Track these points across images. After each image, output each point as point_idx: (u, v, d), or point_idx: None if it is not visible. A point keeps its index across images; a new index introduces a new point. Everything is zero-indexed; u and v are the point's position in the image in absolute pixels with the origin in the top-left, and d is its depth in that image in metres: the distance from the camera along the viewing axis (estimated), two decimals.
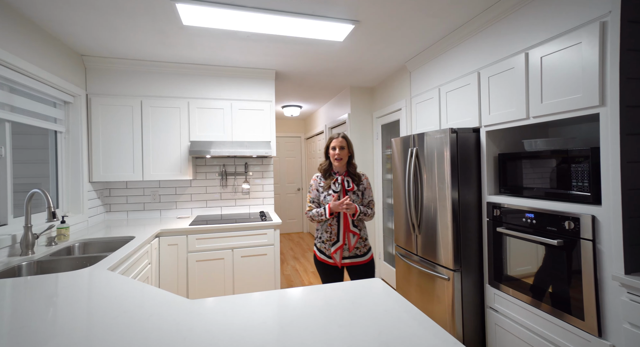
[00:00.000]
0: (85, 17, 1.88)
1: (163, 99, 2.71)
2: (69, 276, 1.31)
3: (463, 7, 1.84)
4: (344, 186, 1.84)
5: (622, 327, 1.24)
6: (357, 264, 1.85)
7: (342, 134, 1.89)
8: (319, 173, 1.92)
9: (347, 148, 1.86)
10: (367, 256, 1.87)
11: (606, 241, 1.32)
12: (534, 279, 1.64)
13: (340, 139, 1.86)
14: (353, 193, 1.84)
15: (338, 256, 1.81)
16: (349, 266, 1.85)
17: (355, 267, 1.85)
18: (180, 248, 2.39)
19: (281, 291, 1.11)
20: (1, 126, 1.74)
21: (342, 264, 1.83)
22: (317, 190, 1.88)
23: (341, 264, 1.83)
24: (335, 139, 1.86)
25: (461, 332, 2.00)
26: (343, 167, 1.89)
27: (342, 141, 1.85)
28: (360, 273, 1.85)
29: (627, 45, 1.24)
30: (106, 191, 2.79)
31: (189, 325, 0.87)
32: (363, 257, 1.85)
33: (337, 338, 0.80)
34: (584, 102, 1.38)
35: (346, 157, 1.87)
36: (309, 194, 1.92)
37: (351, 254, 1.83)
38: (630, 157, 1.25)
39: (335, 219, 1.82)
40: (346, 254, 1.83)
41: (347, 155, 1.87)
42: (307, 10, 1.84)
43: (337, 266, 1.84)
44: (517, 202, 1.74)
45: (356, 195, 1.85)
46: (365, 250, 1.87)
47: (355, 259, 1.84)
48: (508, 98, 1.79)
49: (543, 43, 1.58)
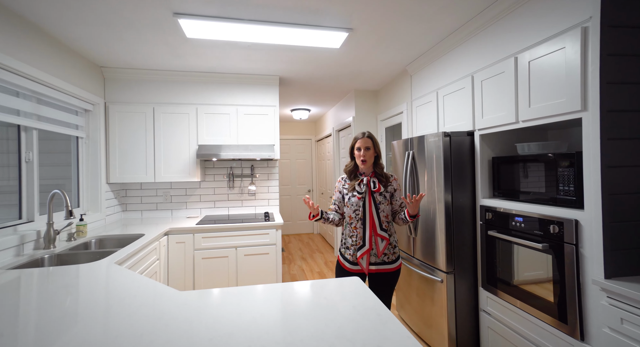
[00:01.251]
0: (101, 33, 2.06)
1: (173, 105, 2.89)
2: (82, 267, 1.46)
3: (451, 13, 1.87)
4: (369, 187, 1.70)
5: (602, 332, 1.24)
6: (383, 271, 1.69)
7: (367, 133, 1.74)
8: (344, 174, 1.81)
9: (372, 148, 1.71)
10: (396, 263, 1.71)
11: (588, 246, 1.31)
12: (523, 283, 1.64)
13: (365, 139, 1.71)
14: (380, 195, 1.70)
15: (365, 262, 1.66)
16: (374, 273, 1.69)
17: (381, 274, 1.70)
18: (187, 246, 2.55)
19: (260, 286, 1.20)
20: (29, 134, 1.95)
21: (369, 270, 1.67)
22: (340, 192, 1.79)
23: (368, 270, 1.68)
24: (360, 139, 1.72)
25: (454, 335, 2.01)
26: (370, 168, 1.75)
27: (367, 141, 1.70)
28: (383, 282, 1.70)
29: (608, 50, 1.24)
30: (123, 191, 3.01)
31: (174, 313, 0.98)
32: (391, 265, 1.69)
33: (300, 329, 0.88)
34: (567, 106, 1.39)
35: (372, 158, 1.72)
36: (333, 197, 1.84)
37: (379, 260, 1.68)
38: (611, 162, 1.25)
39: (360, 222, 1.69)
40: (373, 259, 1.67)
41: (372, 156, 1.72)
42: (301, 21, 1.93)
43: (364, 272, 1.68)
44: (507, 206, 1.75)
45: (383, 196, 1.71)
46: (394, 257, 1.71)
47: (383, 265, 1.68)
48: (499, 102, 1.80)
49: (531, 48, 1.59)
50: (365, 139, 1.71)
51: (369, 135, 1.72)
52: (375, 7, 1.78)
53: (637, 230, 1.26)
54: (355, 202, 1.70)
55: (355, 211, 1.70)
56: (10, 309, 1.05)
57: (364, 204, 1.69)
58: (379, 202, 1.69)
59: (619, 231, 1.25)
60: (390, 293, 1.73)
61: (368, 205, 1.69)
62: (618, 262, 1.24)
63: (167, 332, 0.87)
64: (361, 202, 1.69)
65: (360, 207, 1.70)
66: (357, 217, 1.70)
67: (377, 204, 1.69)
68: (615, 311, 1.19)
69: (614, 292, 1.19)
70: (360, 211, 1.70)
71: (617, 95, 1.25)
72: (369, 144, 1.71)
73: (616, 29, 1.24)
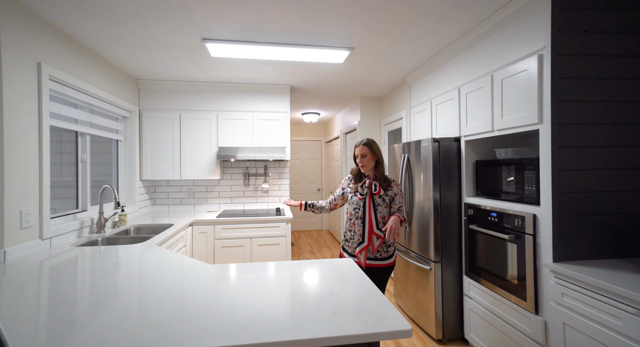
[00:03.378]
0: (140, 54, 2.44)
1: (197, 112, 3.27)
2: (130, 247, 1.84)
3: (440, 34, 2.14)
4: (371, 189, 1.85)
5: (550, 305, 1.50)
6: (376, 266, 1.85)
7: (364, 140, 1.88)
8: (351, 175, 1.98)
9: (370, 154, 1.86)
10: (388, 261, 1.86)
11: (542, 236, 1.58)
12: (496, 269, 1.91)
13: (362, 147, 1.86)
14: (379, 197, 1.84)
15: (362, 257, 1.82)
16: (368, 267, 1.84)
17: (373, 269, 1.85)
18: (208, 236, 2.92)
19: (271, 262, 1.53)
20: (84, 138, 2.35)
21: (365, 264, 1.84)
22: (343, 188, 1.98)
23: (365, 265, 1.84)
24: (357, 147, 1.88)
25: (441, 317, 2.29)
26: (371, 171, 1.90)
27: (364, 148, 1.86)
28: (375, 275, 1.84)
29: (558, 73, 1.51)
30: (152, 187, 3.41)
31: (207, 275, 1.32)
32: (383, 261, 1.85)
33: (302, 288, 1.20)
34: (528, 119, 1.65)
35: (370, 163, 1.87)
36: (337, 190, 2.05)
37: (372, 256, 1.84)
38: (560, 166, 1.51)
39: (360, 220, 1.84)
40: (370, 255, 1.84)
41: (370, 161, 1.86)
42: (308, 42, 2.26)
43: (362, 265, 1.84)
44: (485, 203, 2.02)
45: (382, 199, 1.84)
46: (387, 255, 1.86)
47: (376, 261, 1.84)
48: (480, 112, 2.07)
49: (503, 67, 1.85)
50: (361, 147, 1.86)
51: (365, 143, 1.87)
52: (371, 31, 2.08)
53: (580, 223, 1.52)
54: (356, 201, 1.87)
55: (355, 209, 1.87)
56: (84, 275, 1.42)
57: (364, 204, 1.84)
58: (378, 204, 1.83)
59: (566, 224, 1.51)
60: (381, 286, 1.87)
61: (367, 206, 1.83)
62: (564, 249, 1.51)
63: (200, 288, 1.21)
64: (361, 202, 1.85)
65: (360, 207, 1.85)
66: (357, 215, 1.86)
67: (375, 206, 1.83)
68: (558, 287, 1.45)
69: (558, 272, 1.45)
70: (360, 211, 1.85)
71: (566, 111, 1.51)
72: (365, 151, 1.86)
73: (564, 57, 1.50)
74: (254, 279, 1.29)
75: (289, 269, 1.43)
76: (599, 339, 1.26)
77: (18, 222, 1.60)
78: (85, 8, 1.74)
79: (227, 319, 0.95)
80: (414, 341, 2.32)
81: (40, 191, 1.75)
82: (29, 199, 1.67)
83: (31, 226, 1.68)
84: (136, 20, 1.89)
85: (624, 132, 1.54)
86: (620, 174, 1.53)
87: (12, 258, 1.55)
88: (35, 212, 1.71)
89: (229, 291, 1.17)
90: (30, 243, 1.68)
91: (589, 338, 1.30)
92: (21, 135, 1.63)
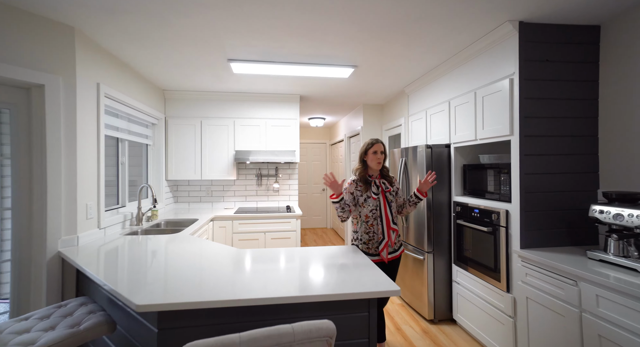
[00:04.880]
0: (170, 69, 2.81)
1: (216, 119, 3.64)
2: (176, 234, 2.20)
3: (432, 55, 2.48)
4: (382, 188, 1.94)
5: (518, 284, 1.84)
6: (394, 258, 1.95)
7: (379, 139, 1.99)
8: (355, 177, 1.98)
9: (384, 153, 1.98)
10: (399, 251, 1.99)
11: (513, 228, 1.91)
12: (478, 257, 2.25)
13: (380, 144, 1.95)
14: (390, 194, 1.95)
15: (385, 253, 1.87)
16: (390, 260, 1.92)
17: (393, 261, 1.96)
18: (227, 230, 3.28)
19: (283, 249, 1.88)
20: (123, 143, 2.72)
21: (388, 259, 1.90)
22: (352, 193, 1.93)
23: (387, 260, 1.89)
24: (376, 144, 1.94)
25: (433, 301, 2.63)
26: (377, 170, 2.00)
27: (381, 146, 1.95)
28: (393, 265, 1.96)
29: (525, 94, 1.84)
30: (175, 186, 3.78)
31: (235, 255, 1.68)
32: (397, 252, 1.97)
33: (303, 269, 1.55)
34: (503, 131, 1.99)
35: (384, 160, 2.00)
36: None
37: (391, 250, 1.93)
38: (527, 170, 1.85)
39: (378, 219, 1.89)
40: (389, 249, 1.92)
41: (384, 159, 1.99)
42: (317, 62, 2.61)
43: (384, 261, 1.89)
44: (470, 201, 2.35)
45: (392, 195, 1.97)
46: (399, 245, 2.00)
47: (393, 253, 1.94)
48: (466, 123, 2.40)
49: (484, 86, 2.19)
50: (380, 144, 1.95)
51: (381, 142, 1.98)
52: (372, 53, 2.43)
53: (542, 217, 1.85)
54: (372, 202, 1.89)
55: (372, 211, 1.89)
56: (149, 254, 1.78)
57: (379, 204, 1.90)
58: (390, 200, 1.94)
59: (530, 218, 1.85)
60: (396, 273, 2.03)
61: (383, 204, 1.90)
62: (529, 238, 1.84)
63: (230, 264, 1.56)
64: (377, 202, 1.90)
65: (377, 207, 1.90)
66: (374, 215, 1.89)
67: (389, 202, 1.93)
68: (524, 269, 1.79)
69: (524, 257, 1.79)
70: (377, 210, 1.90)
71: (531, 125, 1.85)
72: (382, 148, 1.96)
73: (530, 81, 1.84)
74: (271, 259, 1.64)
75: (300, 253, 1.78)
76: (549, 306, 1.59)
77: (85, 214, 1.97)
78: (137, 39, 2.11)
79: (252, 283, 1.30)
80: (410, 321, 2.66)
81: (98, 188, 2.11)
82: (91, 195, 2.04)
83: (93, 217, 2.05)
84: (174, 46, 2.26)
85: (576, 142, 1.88)
86: (574, 177, 1.87)
87: (82, 242, 1.92)
88: (95, 206, 2.08)
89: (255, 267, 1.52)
90: (92, 231, 2.04)
91: (542, 307, 1.64)
92: (86, 144, 2.00)
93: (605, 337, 1.34)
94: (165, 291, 1.23)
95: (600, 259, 1.56)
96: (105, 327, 1.27)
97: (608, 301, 1.34)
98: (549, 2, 1.65)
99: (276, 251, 1.80)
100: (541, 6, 1.70)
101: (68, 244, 1.84)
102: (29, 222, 1.74)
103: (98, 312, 1.34)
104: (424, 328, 2.53)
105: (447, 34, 2.07)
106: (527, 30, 1.84)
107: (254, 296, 1.17)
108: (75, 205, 1.88)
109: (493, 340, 2.07)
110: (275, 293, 1.19)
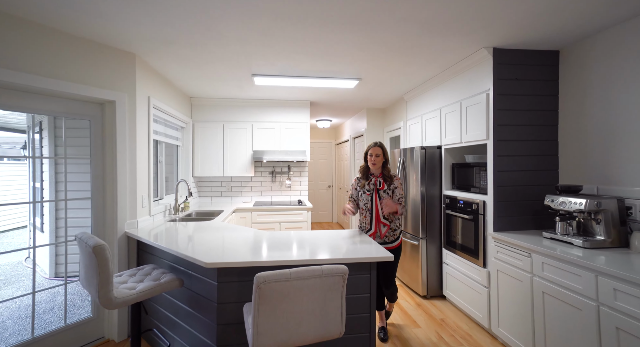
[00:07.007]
0: (200, 81, 3.27)
1: (236, 122, 4.10)
2: (207, 222, 2.67)
3: (425, 70, 2.91)
4: (376, 185, 2.21)
5: (491, 260, 2.27)
6: (388, 249, 2.16)
7: (378, 143, 2.21)
8: (359, 174, 2.33)
9: (381, 155, 2.19)
10: (395, 243, 2.23)
11: (488, 215, 2.35)
12: (462, 241, 2.68)
13: (375, 148, 2.21)
14: (384, 191, 2.19)
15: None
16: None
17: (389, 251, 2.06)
18: (247, 220, 3.74)
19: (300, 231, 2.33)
20: (161, 145, 3.19)
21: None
22: (356, 189, 2.32)
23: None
24: (372, 148, 2.21)
25: (426, 280, 3.07)
26: (378, 170, 2.23)
27: (377, 149, 2.21)
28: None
29: (498, 106, 2.27)
30: (199, 183, 4.26)
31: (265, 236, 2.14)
32: (390, 244, 2.22)
33: (322, 243, 2.00)
34: (481, 136, 2.41)
35: (380, 162, 2.20)
36: (349, 192, 2.40)
37: (381, 241, 2.21)
38: (499, 168, 2.28)
39: (369, 212, 2.22)
40: (378, 240, 2.20)
41: (381, 161, 2.20)
42: (327, 76, 3.05)
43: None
44: (456, 194, 2.78)
45: (386, 193, 2.20)
46: (394, 238, 2.22)
47: (384, 245, 2.20)
48: (454, 128, 2.83)
49: (468, 98, 2.61)
50: (375, 148, 2.22)
51: (379, 145, 2.22)
52: (375, 69, 2.86)
53: (511, 206, 2.29)
54: (366, 197, 2.25)
55: (365, 204, 2.27)
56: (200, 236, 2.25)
57: (371, 198, 2.23)
58: (382, 197, 2.21)
59: (502, 207, 2.28)
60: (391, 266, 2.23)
61: (374, 199, 2.22)
62: (500, 223, 2.28)
63: (265, 240, 2.02)
64: (369, 197, 2.22)
65: (369, 201, 2.24)
66: (367, 208, 2.25)
67: (381, 199, 2.21)
68: (496, 248, 2.23)
69: (496, 238, 2.23)
70: (369, 204, 2.24)
71: (503, 131, 2.28)
72: (378, 151, 2.21)
73: (502, 96, 2.27)
74: (295, 237, 2.10)
75: (317, 234, 2.23)
76: (513, 275, 2.03)
77: (140, 203, 2.44)
78: (181, 59, 2.57)
79: (284, 252, 1.76)
80: (406, 297, 3.10)
81: (149, 183, 2.59)
82: (144, 189, 2.51)
83: (145, 206, 2.52)
84: (209, 65, 2.72)
85: (540, 146, 2.30)
86: (538, 173, 2.30)
87: (140, 226, 2.39)
88: (146, 197, 2.55)
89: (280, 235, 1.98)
90: (145, 218, 2.52)
91: (508, 276, 2.08)
92: (141, 146, 2.47)
93: (549, 293, 1.78)
94: (223, 255, 1.69)
95: (551, 237, 1.99)
96: (177, 282, 1.74)
97: (550, 266, 1.77)
98: (517, 32, 2.07)
99: (299, 232, 2.26)
100: (511, 36, 2.12)
101: (131, 227, 2.31)
102: (104, 209, 2.22)
103: (168, 273, 1.80)
104: (418, 302, 2.98)
105: (437, 56, 2.50)
106: (499, 54, 2.27)
107: (289, 258, 1.63)
108: (135, 196, 2.35)
109: (473, 308, 2.51)
110: (305, 257, 1.65)
